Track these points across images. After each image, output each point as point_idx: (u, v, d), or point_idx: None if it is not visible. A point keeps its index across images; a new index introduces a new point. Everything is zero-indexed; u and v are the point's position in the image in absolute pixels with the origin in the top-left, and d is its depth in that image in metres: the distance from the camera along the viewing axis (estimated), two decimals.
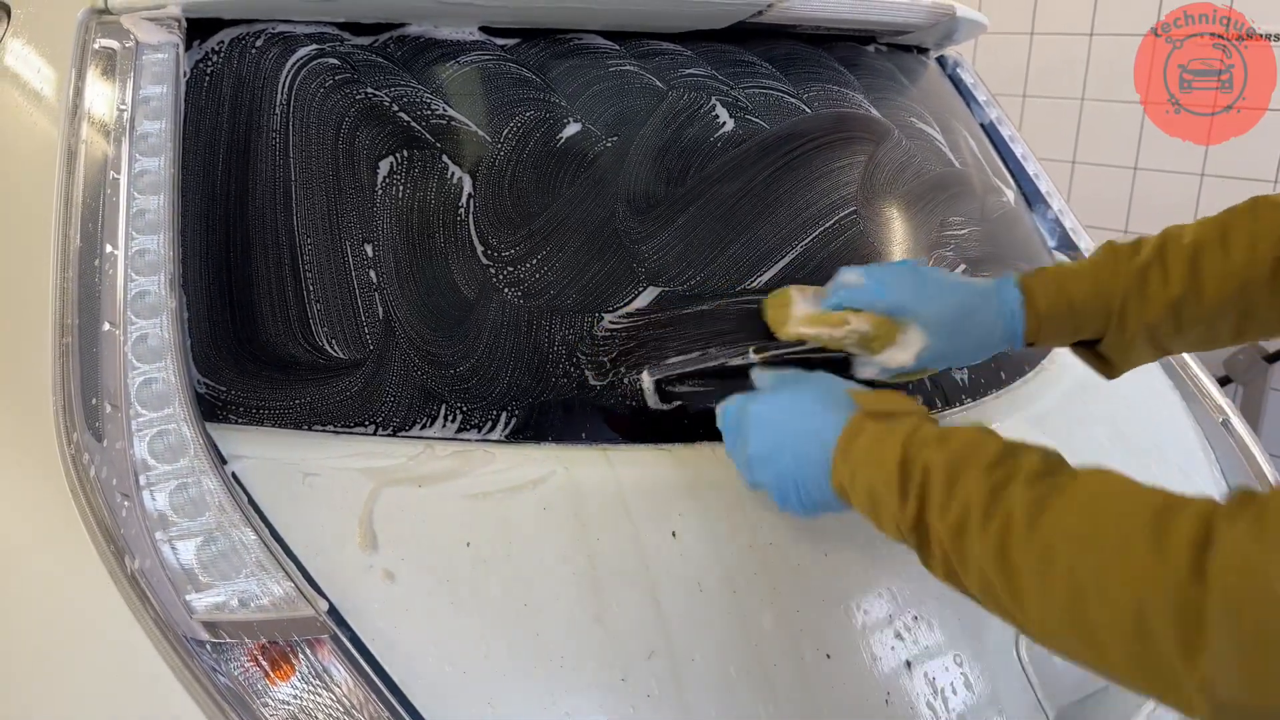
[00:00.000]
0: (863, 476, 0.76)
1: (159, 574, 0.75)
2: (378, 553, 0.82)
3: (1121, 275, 0.95)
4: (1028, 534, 0.63)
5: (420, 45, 0.99)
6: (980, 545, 0.65)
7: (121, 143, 0.87)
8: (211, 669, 0.74)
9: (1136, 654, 0.58)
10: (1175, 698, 0.57)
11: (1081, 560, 0.60)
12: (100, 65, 0.91)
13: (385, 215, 0.93)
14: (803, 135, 1.13)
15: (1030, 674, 0.98)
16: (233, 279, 0.89)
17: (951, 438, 0.72)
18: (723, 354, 0.99)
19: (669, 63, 1.09)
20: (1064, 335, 0.99)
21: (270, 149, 0.93)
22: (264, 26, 0.95)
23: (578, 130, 1.01)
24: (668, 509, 0.90)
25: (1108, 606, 0.58)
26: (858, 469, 0.76)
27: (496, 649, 0.80)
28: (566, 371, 0.94)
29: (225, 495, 0.79)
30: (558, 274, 0.96)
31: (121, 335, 0.81)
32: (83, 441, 0.79)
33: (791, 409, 0.83)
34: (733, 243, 1.04)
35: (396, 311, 0.91)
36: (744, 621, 0.87)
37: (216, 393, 0.86)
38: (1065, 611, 0.61)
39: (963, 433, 0.73)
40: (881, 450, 0.74)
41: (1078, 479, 0.65)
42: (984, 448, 0.69)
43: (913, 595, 0.95)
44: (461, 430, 0.90)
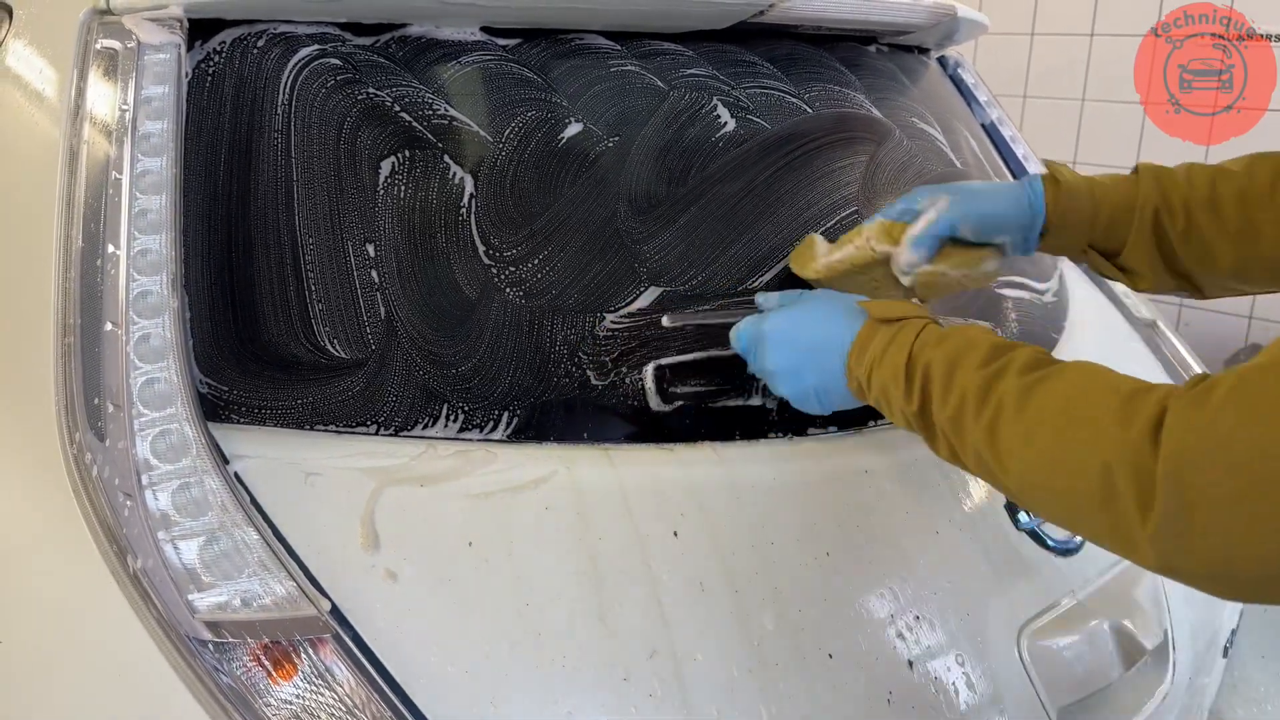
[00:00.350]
0: (876, 376, 0.83)
1: (161, 573, 0.75)
2: (380, 552, 0.82)
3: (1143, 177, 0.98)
4: (1016, 415, 0.71)
5: (422, 45, 0.99)
6: (975, 428, 0.74)
7: (124, 143, 0.87)
8: (214, 668, 0.74)
9: (1103, 514, 0.65)
10: (1135, 554, 0.65)
11: (1060, 436, 0.68)
12: (102, 66, 0.91)
13: (387, 215, 0.94)
14: (804, 135, 1.13)
15: (1032, 673, 0.98)
16: (235, 279, 0.89)
17: (949, 337, 0.79)
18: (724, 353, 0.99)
19: (670, 63, 1.10)
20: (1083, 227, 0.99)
21: (272, 149, 0.93)
22: (266, 27, 0.95)
23: (579, 130, 1.02)
24: (669, 508, 0.90)
25: (1081, 474, 0.66)
26: (872, 370, 0.83)
27: (498, 648, 0.80)
28: (568, 371, 0.94)
29: (227, 495, 0.79)
30: (559, 274, 0.96)
31: (124, 335, 0.81)
32: (85, 441, 0.79)
33: (805, 323, 0.90)
34: (734, 242, 1.04)
35: (398, 311, 0.91)
36: (746, 621, 0.87)
37: (219, 392, 0.86)
38: (1045, 478, 0.70)
39: (959, 332, 0.80)
40: (890, 351, 0.82)
41: (1063, 370, 0.72)
42: (977, 346, 0.77)
43: (914, 595, 0.95)
44: (463, 430, 0.90)
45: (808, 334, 0.89)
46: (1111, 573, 1.11)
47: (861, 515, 0.98)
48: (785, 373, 0.90)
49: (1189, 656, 1.17)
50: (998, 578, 1.02)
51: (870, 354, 0.83)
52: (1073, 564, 1.08)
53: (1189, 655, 1.17)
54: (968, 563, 1.01)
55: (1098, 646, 1.05)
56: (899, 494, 1.00)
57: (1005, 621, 0.99)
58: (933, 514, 1.01)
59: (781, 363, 0.90)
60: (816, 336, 0.88)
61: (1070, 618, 1.04)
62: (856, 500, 0.99)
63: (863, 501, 0.99)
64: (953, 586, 0.98)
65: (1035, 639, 1.00)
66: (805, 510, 0.96)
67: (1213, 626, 1.25)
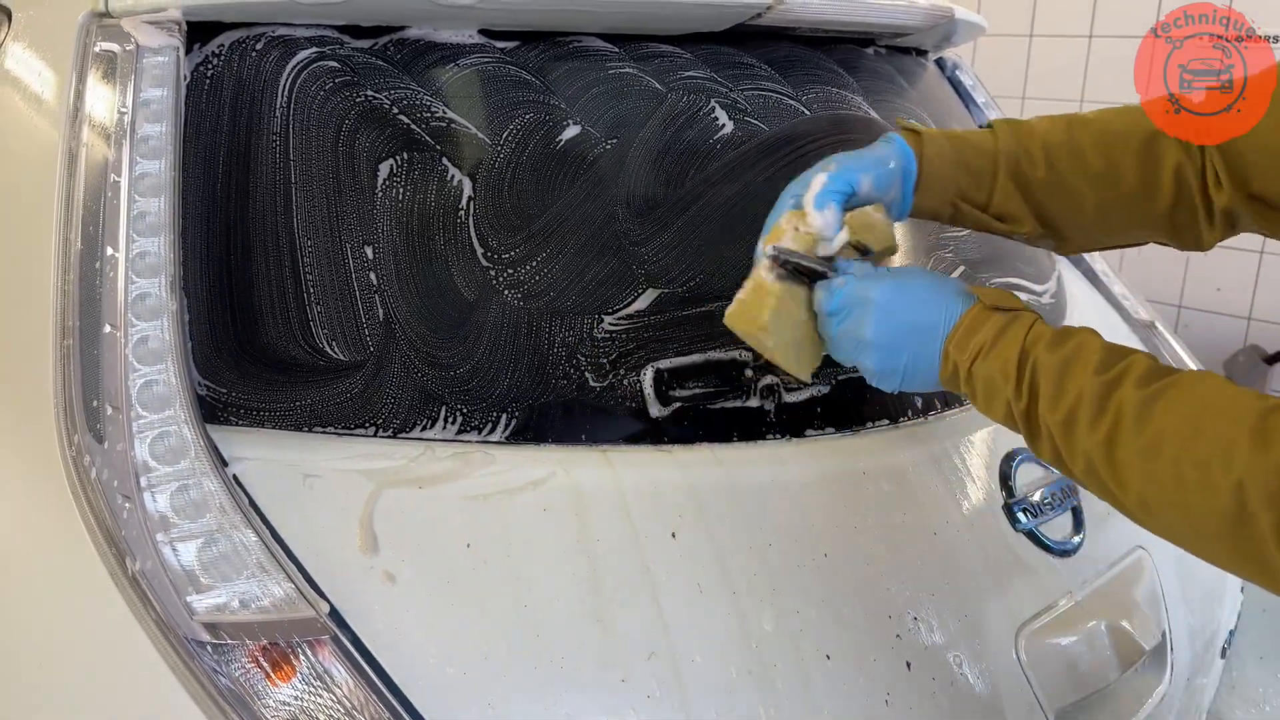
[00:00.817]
0: (981, 367, 0.80)
1: (160, 575, 0.75)
2: (378, 554, 0.82)
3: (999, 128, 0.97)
4: (1136, 429, 0.70)
5: (420, 48, 1.00)
6: (1090, 438, 0.72)
7: (122, 145, 0.87)
8: (212, 670, 0.74)
9: (1233, 536, 0.65)
10: (1265, 577, 0.65)
11: (1187, 453, 0.67)
12: (101, 68, 0.91)
13: (385, 217, 0.94)
14: (802, 137, 1.13)
15: (1029, 674, 0.98)
16: (233, 281, 0.90)
17: (1062, 337, 0.78)
18: (722, 355, 0.99)
19: (668, 65, 1.10)
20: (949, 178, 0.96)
21: (270, 151, 0.93)
22: (264, 30, 0.95)
23: (577, 132, 1.02)
24: (667, 510, 0.90)
25: (1210, 493, 0.65)
26: (976, 359, 0.80)
27: (497, 650, 0.80)
28: (566, 373, 0.94)
29: (226, 497, 0.79)
30: (558, 276, 0.96)
31: (122, 337, 0.81)
32: (84, 443, 0.79)
33: (911, 296, 0.84)
34: (732, 244, 1.04)
35: (397, 313, 0.92)
36: (744, 622, 0.87)
37: (217, 394, 0.86)
38: (1168, 496, 0.68)
39: (1071, 332, 0.78)
40: (1001, 344, 0.79)
41: (1183, 382, 0.71)
42: (1090, 349, 0.76)
43: (912, 596, 0.95)
44: (462, 432, 0.91)
45: (911, 309, 0.84)
46: (1109, 574, 1.11)
47: (859, 516, 0.98)
48: (881, 346, 0.84)
49: (1187, 657, 1.18)
50: (995, 579, 1.02)
51: (976, 342, 0.80)
52: (1070, 565, 1.08)
53: (1187, 656, 1.18)
54: (966, 564, 1.01)
55: (1096, 647, 1.05)
56: (897, 495, 1.01)
57: (1003, 622, 0.99)
58: (930, 515, 1.01)
59: (882, 335, 0.84)
60: (919, 313, 0.83)
61: (1068, 619, 1.04)
62: (854, 502, 0.99)
63: (860, 503, 0.99)
64: (951, 587, 0.98)
65: (1033, 640, 1.00)
66: (803, 511, 0.96)
67: (1211, 627, 1.25)
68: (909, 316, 0.84)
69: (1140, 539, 1.17)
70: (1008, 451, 1.11)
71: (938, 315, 0.83)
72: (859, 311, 0.85)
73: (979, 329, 0.81)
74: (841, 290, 0.86)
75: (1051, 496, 1.10)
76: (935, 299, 0.84)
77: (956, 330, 0.82)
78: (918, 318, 0.83)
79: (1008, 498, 1.07)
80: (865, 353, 0.85)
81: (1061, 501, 1.11)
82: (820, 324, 0.88)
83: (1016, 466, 1.10)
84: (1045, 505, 1.09)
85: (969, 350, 0.81)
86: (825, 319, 0.87)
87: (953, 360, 0.82)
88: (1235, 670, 1.37)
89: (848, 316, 0.85)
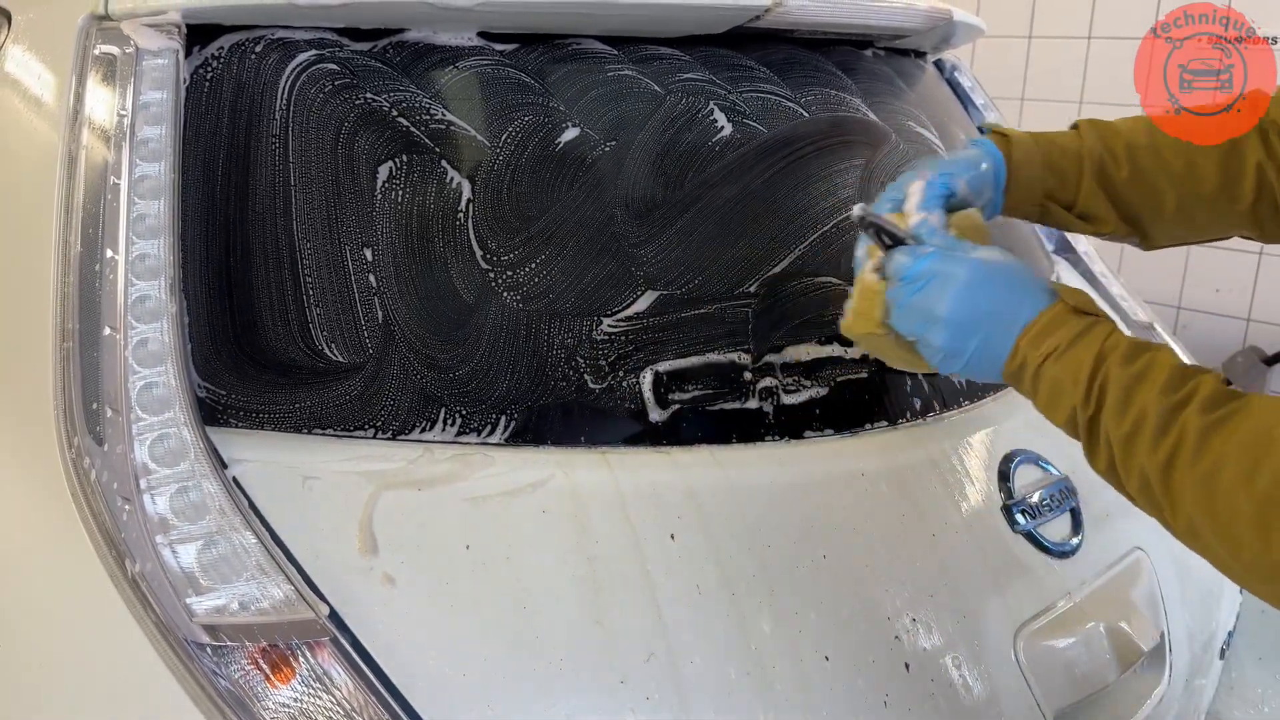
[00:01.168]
0: (1051, 368, 0.78)
1: (160, 577, 0.75)
2: (378, 556, 0.82)
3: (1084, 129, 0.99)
4: (1194, 458, 0.69)
5: (419, 50, 1.00)
6: (1148, 457, 0.71)
7: (122, 148, 0.87)
8: (212, 672, 0.74)
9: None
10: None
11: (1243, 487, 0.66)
12: (100, 71, 0.91)
13: (385, 220, 0.94)
14: (801, 139, 1.13)
15: (1028, 675, 0.98)
16: (233, 283, 0.90)
17: (1137, 351, 0.76)
18: (721, 356, 0.99)
19: (667, 67, 1.10)
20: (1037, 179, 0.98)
21: (270, 154, 0.93)
22: (263, 32, 0.96)
23: (576, 135, 1.02)
24: (666, 511, 0.90)
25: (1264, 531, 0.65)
26: (1047, 359, 0.78)
27: (496, 651, 0.80)
28: (565, 375, 0.94)
29: (226, 499, 0.79)
30: (557, 278, 0.97)
31: (122, 340, 0.81)
32: (83, 445, 0.79)
33: (996, 282, 0.82)
34: (731, 246, 1.04)
35: (396, 315, 0.92)
36: (742, 624, 0.87)
37: (217, 397, 0.86)
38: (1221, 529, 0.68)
39: (1144, 345, 0.77)
40: (1077, 348, 0.77)
41: (1251, 409, 0.69)
42: (1161, 366, 0.74)
43: (911, 598, 0.95)
44: (461, 433, 0.91)
45: (994, 293, 0.81)
46: (1108, 575, 1.11)
47: (858, 518, 0.98)
48: (955, 324, 0.81)
49: (1185, 658, 1.18)
50: (994, 580, 1.02)
51: (1052, 343, 0.78)
52: (1069, 566, 1.08)
53: (1185, 657, 1.18)
54: (964, 565, 1.01)
55: (1094, 649, 1.05)
56: (895, 497, 1.01)
57: (1002, 624, 1.00)
58: (929, 517, 1.01)
59: (958, 313, 0.80)
60: (1001, 300, 0.81)
61: (1067, 620, 1.04)
62: (853, 503, 0.99)
63: (859, 504, 0.99)
64: (949, 589, 0.98)
65: (1032, 641, 1.00)
66: (802, 513, 0.96)
67: (1209, 628, 1.25)
68: (990, 300, 0.81)
69: (1139, 540, 1.17)
70: (1006, 453, 1.11)
71: (1019, 306, 0.80)
72: (939, 284, 0.81)
73: (1056, 329, 0.78)
74: (926, 258, 0.82)
75: (1050, 498, 1.10)
76: (1019, 288, 0.81)
77: (1034, 325, 0.79)
78: (999, 304, 0.81)
79: (1006, 499, 1.08)
80: (934, 328, 0.82)
81: (1060, 503, 1.11)
82: (890, 289, 0.85)
83: (1015, 468, 1.10)
84: (1044, 507, 1.09)
85: (1043, 349, 0.78)
86: (899, 285, 0.84)
87: (1023, 355, 0.79)
88: (1234, 671, 1.37)
89: (925, 287, 0.82)
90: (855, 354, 1.07)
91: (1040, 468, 1.13)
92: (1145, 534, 1.19)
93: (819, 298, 1.07)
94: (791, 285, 1.06)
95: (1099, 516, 1.14)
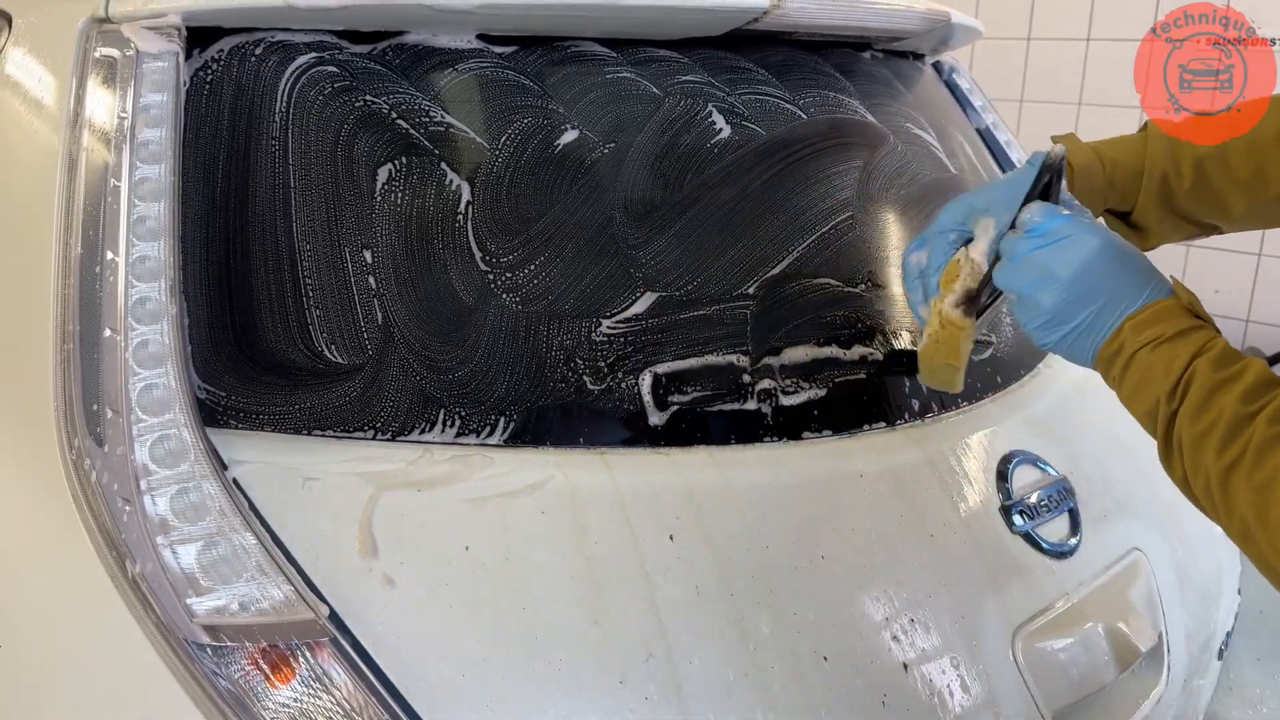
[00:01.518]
0: (1147, 358, 0.77)
1: (160, 578, 0.76)
2: (377, 557, 0.82)
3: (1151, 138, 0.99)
4: (1255, 462, 0.69)
5: (418, 53, 1.00)
6: (1215, 461, 0.72)
7: (122, 150, 0.87)
8: (212, 672, 0.74)
9: None
10: None
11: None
12: (101, 73, 0.92)
13: (384, 222, 0.94)
14: (799, 141, 1.14)
15: (1026, 676, 0.98)
16: (233, 285, 0.90)
17: (1231, 359, 0.76)
18: (721, 358, 0.99)
19: (666, 69, 1.10)
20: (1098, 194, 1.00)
21: (270, 156, 0.93)
22: (263, 35, 0.96)
23: (575, 137, 1.02)
24: (665, 512, 0.91)
25: None
26: (1143, 347, 0.78)
27: (495, 652, 0.80)
28: (564, 376, 0.95)
29: (226, 500, 0.79)
30: (556, 279, 0.97)
31: (122, 341, 0.82)
32: (84, 447, 0.79)
33: (1125, 261, 0.81)
34: (729, 248, 1.04)
35: (395, 317, 0.92)
36: (741, 624, 0.88)
37: (217, 398, 0.87)
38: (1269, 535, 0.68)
39: (1241, 360, 0.76)
40: (1179, 343, 0.77)
41: None
42: (1248, 376, 0.74)
43: (909, 598, 0.96)
44: (460, 435, 0.91)
45: (1120, 270, 0.80)
46: (1106, 576, 1.12)
47: (856, 518, 0.98)
48: (1074, 289, 0.80)
49: (1184, 659, 1.18)
50: (992, 580, 1.02)
51: (1155, 331, 0.77)
52: (1067, 567, 1.08)
53: (1184, 658, 1.18)
54: (962, 566, 1.01)
55: (1092, 649, 1.05)
56: (893, 497, 1.01)
57: (1000, 624, 1.00)
58: (927, 517, 1.02)
59: (1082, 280, 0.80)
60: (1124, 278, 0.80)
61: (1065, 620, 1.04)
62: (851, 504, 0.99)
63: (857, 505, 0.99)
64: (947, 589, 0.98)
65: (1030, 642, 1.00)
66: (800, 514, 0.96)
67: (1208, 629, 1.26)
68: (1114, 276, 0.80)
69: (1137, 541, 1.18)
70: (1004, 454, 1.12)
71: (1135, 290, 0.80)
72: (1069, 246, 0.81)
73: (1163, 320, 0.78)
74: (1063, 217, 0.82)
75: (1048, 499, 1.10)
76: (1140, 273, 0.81)
77: (1142, 312, 0.79)
78: (1119, 282, 0.80)
79: (1004, 500, 1.08)
80: (1050, 288, 0.81)
81: (1058, 504, 1.11)
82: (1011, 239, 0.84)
83: (1013, 469, 1.10)
84: (1042, 507, 1.09)
85: (1144, 335, 0.78)
86: (1022, 238, 0.83)
87: (1123, 338, 0.79)
88: (1233, 672, 1.37)
89: (1052, 244, 0.81)
90: (853, 356, 1.08)
91: (1038, 468, 1.13)
92: (1143, 535, 1.19)
93: (817, 299, 1.08)
94: (790, 287, 1.06)
95: (1097, 517, 1.14)
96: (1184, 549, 1.24)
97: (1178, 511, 1.25)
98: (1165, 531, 1.22)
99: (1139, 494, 1.22)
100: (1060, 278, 0.80)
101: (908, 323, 1.14)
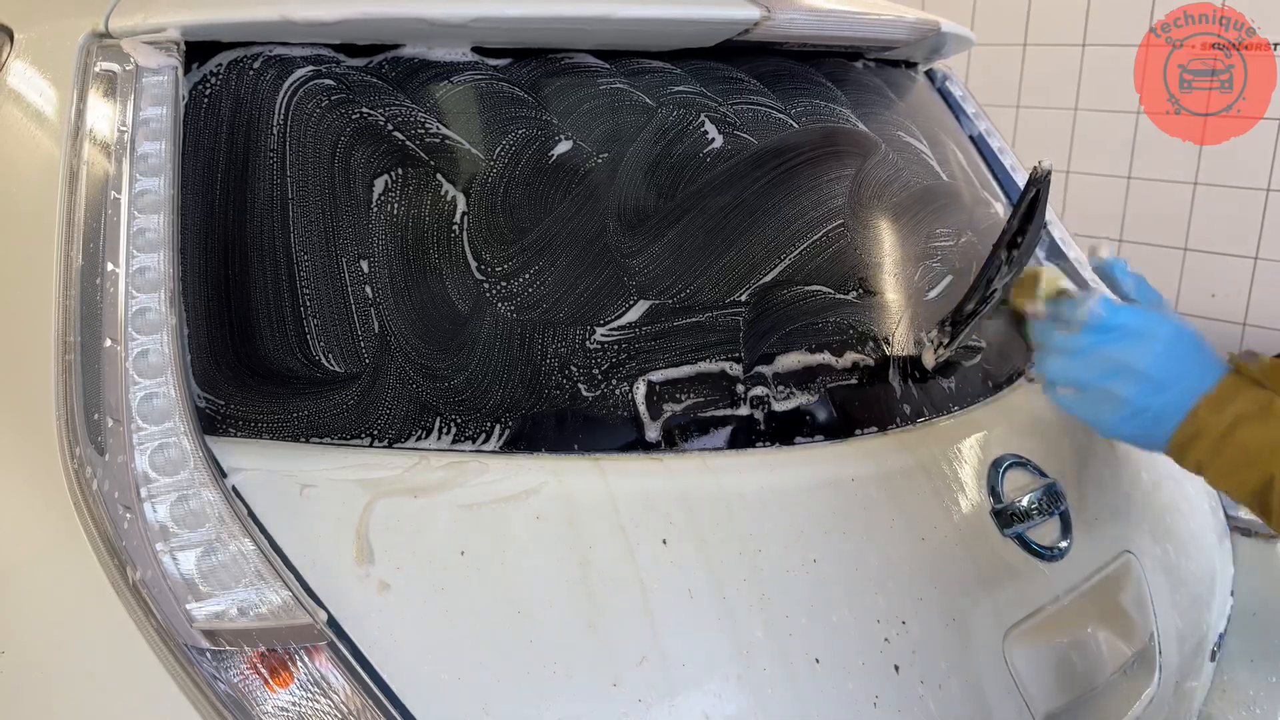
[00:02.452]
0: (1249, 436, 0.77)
1: (160, 584, 0.77)
2: (374, 563, 0.83)
3: None
4: None
5: (414, 66, 1.01)
6: None
7: (122, 163, 0.89)
8: (212, 676, 0.75)
9: None
10: None
11: None
12: (101, 87, 0.93)
13: (380, 232, 0.95)
14: (790, 150, 1.15)
15: (1017, 678, 0.99)
16: (231, 295, 0.91)
17: None
18: (713, 365, 1.01)
19: (658, 80, 1.11)
20: None
21: (268, 168, 0.95)
22: (261, 49, 0.97)
23: (569, 147, 1.03)
24: (659, 517, 0.92)
25: None
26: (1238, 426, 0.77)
27: (490, 656, 0.81)
28: (559, 383, 0.96)
29: (225, 507, 0.80)
30: (550, 288, 0.98)
31: (123, 351, 0.83)
32: (85, 455, 0.81)
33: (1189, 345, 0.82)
34: (722, 256, 1.06)
35: (392, 326, 0.93)
36: (734, 628, 0.89)
37: (216, 406, 0.88)
38: None
39: None
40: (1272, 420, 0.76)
41: None
42: None
43: (900, 601, 0.97)
44: (456, 442, 0.92)
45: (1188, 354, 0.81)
46: (1097, 578, 1.12)
47: (848, 523, 0.99)
48: (1151, 379, 0.81)
49: (1175, 660, 1.19)
50: (983, 583, 1.03)
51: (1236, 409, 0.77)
52: (1058, 569, 1.09)
53: (1175, 659, 1.19)
54: (954, 569, 1.02)
55: (1084, 651, 1.06)
56: (885, 501, 1.02)
57: (991, 627, 1.01)
58: (919, 521, 1.03)
59: (1158, 369, 0.81)
60: (1191, 361, 0.81)
61: (1056, 622, 1.05)
62: (843, 508, 1.00)
63: (849, 509, 1.00)
64: (939, 592, 0.99)
65: (1021, 643, 1.01)
66: (793, 518, 0.97)
67: (1200, 630, 1.27)
68: (1185, 360, 0.81)
69: (1128, 543, 1.19)
70: (995, 458, 1.13)
71: (1205, 370, 0.80)
72: (1138, 339, 0.82)
73: (1236, 397, 0.78)
74: (1127, 310, 0.83)
75: (1039, 502, 1.11)
76: (1204, 354, 0.82)
77: (1213, 392, 0.79)
78: (1190, 365, 0.81)
79: (995, 503, 1.09)
80: (1126, 379, 0.82)
81: (1049, 507, 1.12)
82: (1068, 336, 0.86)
83: (1004, 472, 1.11)
84: (1033, 510, 1.10)
85: (1226, 415, 0.77)
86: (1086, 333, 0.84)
87: (1203, 421, 0.79)
88: (1226, 674, 1.38)
89: (1121, 338, 0.83)
90: (845, 362, 1.09)
91: (1029, 472, 1.14)
92: (1135, 537, 1.20)
93: (809, 306, 1.09)
94: (782, 294, 1.07)
95: (1088, 520, 1.15)
96: (1175, 551, 1.25)
97: (1169, 514, 1.26)
98: (1156, 534, 1.23)
99: (1130, 497, 1.23)
100: (1138, 369, 0.81)
101: (898, 329, 1.15)
